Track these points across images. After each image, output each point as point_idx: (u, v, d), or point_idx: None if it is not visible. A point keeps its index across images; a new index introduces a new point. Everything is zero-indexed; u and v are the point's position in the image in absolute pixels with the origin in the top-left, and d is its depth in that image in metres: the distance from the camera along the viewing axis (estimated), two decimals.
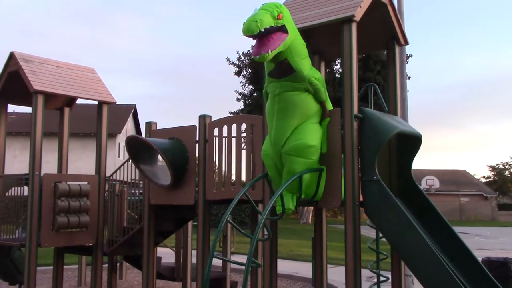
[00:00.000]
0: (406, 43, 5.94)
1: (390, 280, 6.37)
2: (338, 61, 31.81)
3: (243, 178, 6.20)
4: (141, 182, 8.33)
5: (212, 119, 6.39)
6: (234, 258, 8.91)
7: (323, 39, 6.37)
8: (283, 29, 4.40)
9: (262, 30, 4.20)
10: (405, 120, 7.82)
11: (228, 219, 4.78)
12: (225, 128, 6.22)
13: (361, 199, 5.05)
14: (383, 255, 6.19)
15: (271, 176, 5.15)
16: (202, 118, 6.35)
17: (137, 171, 8.24)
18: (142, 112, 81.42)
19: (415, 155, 5.57)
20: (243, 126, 6.24)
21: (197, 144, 6.39)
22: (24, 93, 7.48)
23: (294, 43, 4.59)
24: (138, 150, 6.57)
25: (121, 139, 36.83)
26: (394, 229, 4.85)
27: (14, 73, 7.31)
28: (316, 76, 4.91)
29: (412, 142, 5.51)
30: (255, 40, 4.37)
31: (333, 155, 5.16)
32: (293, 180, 4.73)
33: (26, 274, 6.74)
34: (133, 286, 10.99)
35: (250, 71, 35.00)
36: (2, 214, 7.45)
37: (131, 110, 40.19)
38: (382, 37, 5.96)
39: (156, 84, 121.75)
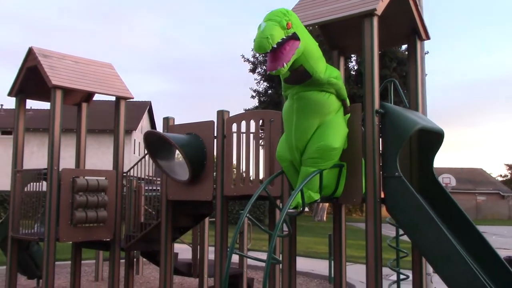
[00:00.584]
0: (428, 37, 5.84)
1: (410, 279, 6.30)
2: (353, 58, 31.60)
3: (261, 174, 6.15)
4: (156, 178, 8.34)
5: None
6: (251, 254, 8.88)
7: (342, 33, 6.29)
8: (294, 37, 4.24)
9: (275, 46, 4.06)
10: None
11: (247, 215, 4.73)
12: (243, 123, 6.16)
13: (382, 195, 4.99)
14: (403, 253, 6.11)
15: (290, 178, 5.03)
16: (220, 113, 6.31)
17: (154, 167, 8.27)
18: (157, 109, 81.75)
19: (436, 151, 5.47)
20: (261, 122, 6.19)
21: (215, 140, 6.35)
22: (43, 89, 7.51)
23: (307, 47, 4.41)
24: (156, 145, 6.55)
25: (137, 135, 37.01)
26: (416, 227, 4.76)
27: (33, 68, 7.34)
28: (334, 75, 4.76)
29: (433, 138, 5.42)
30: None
31: (354, 151, 5.09)
32: (312, 176, 4.64)
33: (45, 269, 6.77)
34: (150, 281, 11.02)
35: (265, 68, 34.82)
36: (21, 209, 7.49)
37: (147, 107, 40.35)
38: (403, 32, 5.86)
39: (171, 81, 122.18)
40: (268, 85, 35.31)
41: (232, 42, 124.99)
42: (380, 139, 5.01)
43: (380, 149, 5.00)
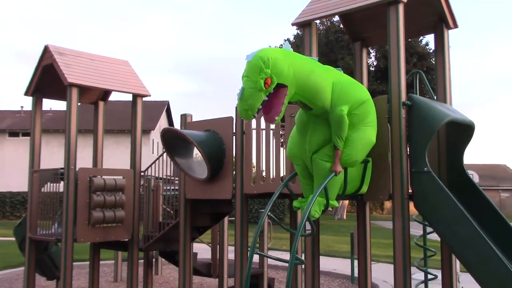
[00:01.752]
0: (456, 25, 5.57)
1: (438, 279, 6.05)
2: (372, 53, 31.21)
3: (282, 171, 5.95)
4: (175, 178, 8.20)
5: None
6: (271, 254, 8.68)
7: (365, 24, 6.06)
8: (278, 85, 3.82)
9: (256, 115, 3.85)
10: None
11: (268, 213, 4.54)
12: (263, 119, 5.96)
13: (410, 191, 4.75)
14: (431, 252, 5.87)
15: (300, 175, 4.69)
16: None
17: (172, 166, 8.13)
18: (174, 108, 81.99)
19: (467, 145, 5.22)
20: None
21: (234, 136, 6.16)
22: (59, 87, 7.41)
23: (299, 86, 3.98)
24: (174, 143, 6.39)
25: (155, 135, 37.08)
26: (446, 224, 4.51)
27: (49, 67, 7.24)
28: (342, 107, 4.24)
29: (463, 131, 5.16)
30: None
31: (379, 145, 4.84)
32: (330, 179, 4.35)
33: (63, 269, 6.67)
34: (169, 281, 10.90)
35: None
36: (39, 209, 7.40)
37: (165, 106, 40.39)
38: (429, 20, 5.61)
39: (187, 81, 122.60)
40: None
41: (248, 39, 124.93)
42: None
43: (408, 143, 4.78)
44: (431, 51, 31.56)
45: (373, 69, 31.55)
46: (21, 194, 30.91)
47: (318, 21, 5.53)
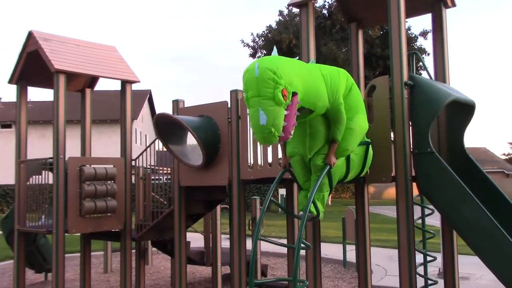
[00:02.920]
0: (454, 4, 5.49)
1: (437, 260, 6.02)
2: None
3: (280, 155, 5.83)
4: (161, 168, 8.04)
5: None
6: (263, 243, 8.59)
7: (360, 4, 5.96)
8: (292, 94, 3.52)
9: (283, 135, 3.43)
10: None
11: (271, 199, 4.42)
12: None
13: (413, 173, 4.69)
14: (430, 234, 5.83)
15: (296, 172, 4.44)
16: (234, 93, 5.97)
17: (157, 157, 7.98)
18: (155, 98, 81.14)
19: (467, 125, 5.17)
20: None
21: (229, 122, 6.01)
22: (45, 74, 7.18)
23: (305, 90, 3.67)
24: (167, 129, 6.22)
25: (138, 125, 36.68)
26: (451, 204, 4.47)
27: (34, 54, 6.99)
28: (340, 100, 4.03)
29: (464, 111, 5.11)
30: None
31: (381, 126, 4.78)
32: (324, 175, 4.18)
33: (54, 261, 6.48)
34: (160, 271, 10.78)
35: (265, 52, 34.47)
36: (27, 201, 7.18)
37: (147, 96, 39.95)
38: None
39: (168, 70, 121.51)
40: None
41: (230, 27, 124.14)
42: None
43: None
44: (413, 36, 31.70)
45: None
46: (2, 187, 30.34)
47: (316, 3, 5.40)
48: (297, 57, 4.15)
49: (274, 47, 3.97)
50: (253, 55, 35.26)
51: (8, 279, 10.14)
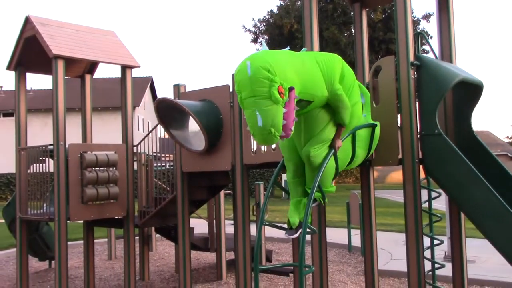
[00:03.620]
0: None
1: (445, 243, 5.94)
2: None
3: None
4: (163, 154, 7.97)
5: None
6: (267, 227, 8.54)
7: None
8: (289, 89, 3.33)
9: (283, 133, 3.27)
10: None
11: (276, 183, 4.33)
12: None
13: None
14: (437, 217, 5.75)
15: (288, 167, 4.22)
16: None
17: (160, 143, 7.90)
18: (157, 85, 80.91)
19: (475, 105, 5.06)
20: None
21: (231, 106, 5.91)
22: (43, 60, 7.06)
23: (303, 83, 3.48)
24: (168, 114, 6.13)
25: (140, 112, 36.58)
26: (460, 186, 4.37)
27: (31, 39, 6.87)
28: (337, 87, 3.82)
29: (471, 91, 4.98)
30: None
31: (387, 108, 4.66)
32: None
33: (57, 249, 6.43)
34: (164, 257, 10.75)
35: (267, 37, 34.21)
36: (28, 188, 7.11)
37: (148, 82, 39.77)
38: None
39: (168, 57, 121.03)
40: None
41: (231, 12, 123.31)
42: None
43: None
44: (416, 19, 31.37)
45: None
46: (5, 176, 30.37)
47: None
48: (288, 48, 3.88)
49: (263, 42, 3.79)
50: (254, 41, 35.01)
51: (12, 267, 10.14)
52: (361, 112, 4.35)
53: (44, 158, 6.94)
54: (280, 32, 32.15)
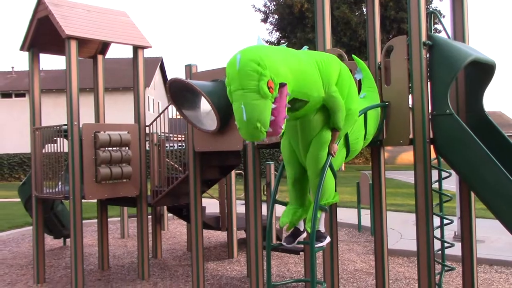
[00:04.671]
0: None
1: (454, 223, 5.98)
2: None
3: None
4: (174, 135, 8.05)
5: None
6: (278, 206, 8.65)
7: None
8: (281, 86, 3.18)
9: (271, 129, 3.13)
10: None
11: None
12: None
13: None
14: (447, 197, 5.78)
15: (288, 170, 4.11)
16: None
17: (171, 123, 7.97)
18: (167, 65, 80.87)
19: (487, 85, 5.04)
20: None
21: None
22: (56, 41, 7.12)
23: (296, 81, 3.33)
24: (180, 95, 6.17)
25: (150, 92, 36.65)
26: (471, 167, 4.40)
27: (44, 19, 6.91)
28: (333, 88, 3.71)
29: (483, 71, 4.97)
30: None
31: (398, 88, 4.68)
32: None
33: (72, 227, 6.56)
34: (176, 236, 10.91)
35: (277, 17, 33.97)
36: (43, 168, 7.23)
37: (158, 63, 39.77)
38: None
39: (177, 35, 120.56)
40: (280, 34, 34.47)
41: None
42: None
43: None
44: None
45: None
46: (19, 156, 30.77)
47: None
48: (285, 43, 3.85)
49: (258, 36, 3.59)
50: (264, 20, 34.79)
51: (27, 244, 10.35)
52: (357, 109, 4.07)
53: (56, 139, 7.03)
54: (291, 11, 31.89)
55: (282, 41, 33.96)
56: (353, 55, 5.20)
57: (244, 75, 3.05)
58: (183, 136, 7.73)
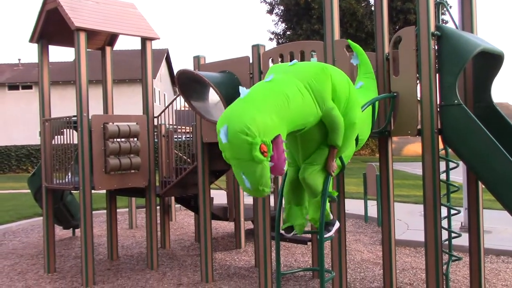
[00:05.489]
0: None
1: (461, 214, 6.00)
2: None
3: None
4: (180, 127, 8.10)
5: None
6: None
7: None
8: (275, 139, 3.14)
9: (272, 189, 3.18)
10: None
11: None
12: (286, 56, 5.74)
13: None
14: (454, 187, 5.80)
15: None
16: (256, 48, 5.90)
17: (177, 115, 8.01)
18: (173, 56, 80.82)
19: (495, 75, 5.05)
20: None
21: (251, 77, 5.97)
22: (65, 33, 7.16)
23: (287, 122, 3.28)
24: (188, 86, 6.21)
25: (156, 84, 36.71)
26: (480, 158, 4.42)
27: (53, 11, 6.95)
28: (330, 105, 3.56)
29: (491, 61, 4.98)
30: None
31: (406, 79, 4.70)
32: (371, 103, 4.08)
33: (83, 217, 6.63)
34: (184, 227, 10.99)
35: (283, 8, 33.87)
36: (53, 159, 7.30)
37: (164, 55, 39.79)
38: None
39: (182, 27, 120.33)
40: (286, 26, 34.38)
41: None
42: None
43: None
44: None
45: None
46: (26, 147, 30.94)
47: None
48: (294, 60, 3.78)
49: (241, 88, 3.29)
50: (270, 11, 34.71)
51: (37, 235, 10.46)
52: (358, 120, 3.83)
53: (62, 130, 7.09)
54: (296, 2, 31.78)
55: (288, 32, 33.90)
56: (348, 40, 5.15)
57: (235, 148, 3.03)
58: (189, 128, 7.78)
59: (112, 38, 7.96)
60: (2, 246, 9.57)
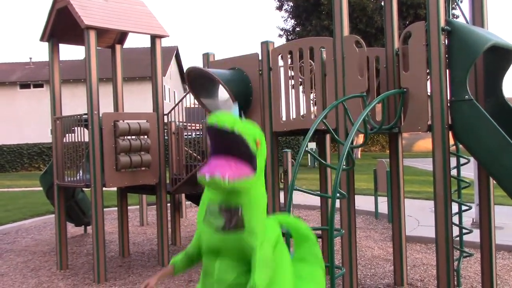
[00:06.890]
0: None
1: (472, 210, 5.96)
2: None
3: (312, 107, 5.80)
4: (189, 124, 8.12)
5: None
6: (296, 193, 8.66)
7: None
8: (252, 162, 2.79)
9: (236, 132, 2.62)
10: None
11: (306, 149, 4.43)
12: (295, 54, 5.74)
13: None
14: (465, 183, 5.77)
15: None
16: (265, 44, 5.90)
17: (187, 112, 8.04)
18: (182, 54, 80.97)
19: (506, 70, 5.01)
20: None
21: (260, 74, 5.97)
22: (75, 31, 7.21)
23: (255, 189, 2.89)
24: (198, 83, 6.23)
25: (166, 82, 36.81)
26: (490, 154, 4.39)
27: (63, 10, 6.99)
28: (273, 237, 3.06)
29: (502, 56, 4.94)
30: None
31: (417, 74, 4.68)
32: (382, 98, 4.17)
33: (94, 214, 6.68)
34: (194, 224, 11.03)
35: (292, 4, 33.77)
36: (64, 156, 7.36)
37: (174, 52, 39.88)
38: None
39: (191, 24, 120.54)
40: (295, 22, 34.29)
41: None
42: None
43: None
44: None
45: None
46: (38, 145, 31.20)
47: None
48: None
49: (234, 105, 3.12)
50: (279, 8, 34.64)
51: (49, 232, 10.56)
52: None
53: (74, 128, 7.14)
54: None
55: (298, 29, 33.80)
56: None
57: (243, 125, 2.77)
58: (199, 125, 7.80)
59: (122, 36, 8.00)
60: (15, 243, 9.67)
